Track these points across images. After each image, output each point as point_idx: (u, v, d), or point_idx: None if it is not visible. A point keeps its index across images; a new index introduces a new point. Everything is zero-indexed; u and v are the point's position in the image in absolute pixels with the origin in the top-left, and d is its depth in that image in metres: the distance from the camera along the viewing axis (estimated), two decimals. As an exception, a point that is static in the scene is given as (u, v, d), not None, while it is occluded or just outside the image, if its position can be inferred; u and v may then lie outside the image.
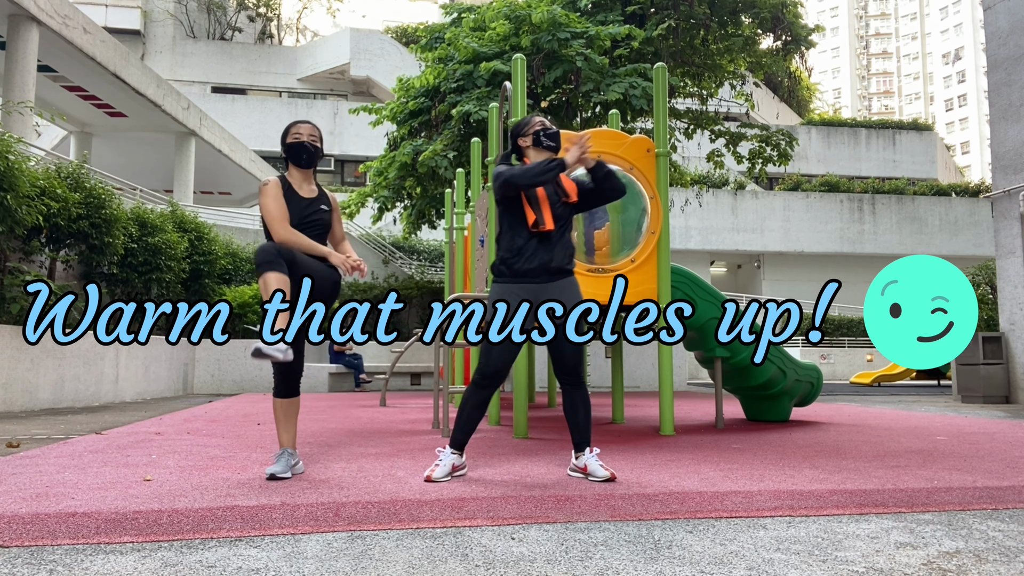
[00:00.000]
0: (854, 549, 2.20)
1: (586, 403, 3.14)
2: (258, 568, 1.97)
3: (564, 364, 3.11)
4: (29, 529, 2.25)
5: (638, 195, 4.83)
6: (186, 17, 30.68)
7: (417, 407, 7.77)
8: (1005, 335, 9.47)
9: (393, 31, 32.69)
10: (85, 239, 8.31)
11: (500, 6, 10.97)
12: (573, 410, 3.13)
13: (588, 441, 3.12)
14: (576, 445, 3.14)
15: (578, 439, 3.13)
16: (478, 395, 3.06)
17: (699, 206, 26.02)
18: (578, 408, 3.13)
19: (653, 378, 12.98)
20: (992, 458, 3.76)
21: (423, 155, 10.37)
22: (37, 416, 6.25)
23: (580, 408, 3.13)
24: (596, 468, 2.99)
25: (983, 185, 30.64)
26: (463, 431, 3.07)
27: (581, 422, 3.12)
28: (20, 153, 6.87)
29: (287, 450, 3.13)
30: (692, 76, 13.39)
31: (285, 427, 3.18)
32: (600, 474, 2.96)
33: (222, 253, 12.19)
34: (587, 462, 3.04)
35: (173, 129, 18.13)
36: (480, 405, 3.06)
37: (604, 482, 2.92)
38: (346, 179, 29.75)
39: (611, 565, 2.02)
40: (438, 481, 2.91)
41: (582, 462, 3.07)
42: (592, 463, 3.02)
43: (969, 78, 79.73)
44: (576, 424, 3.13)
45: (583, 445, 3.11)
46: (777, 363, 5.76)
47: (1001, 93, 9.78)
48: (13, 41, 12.10)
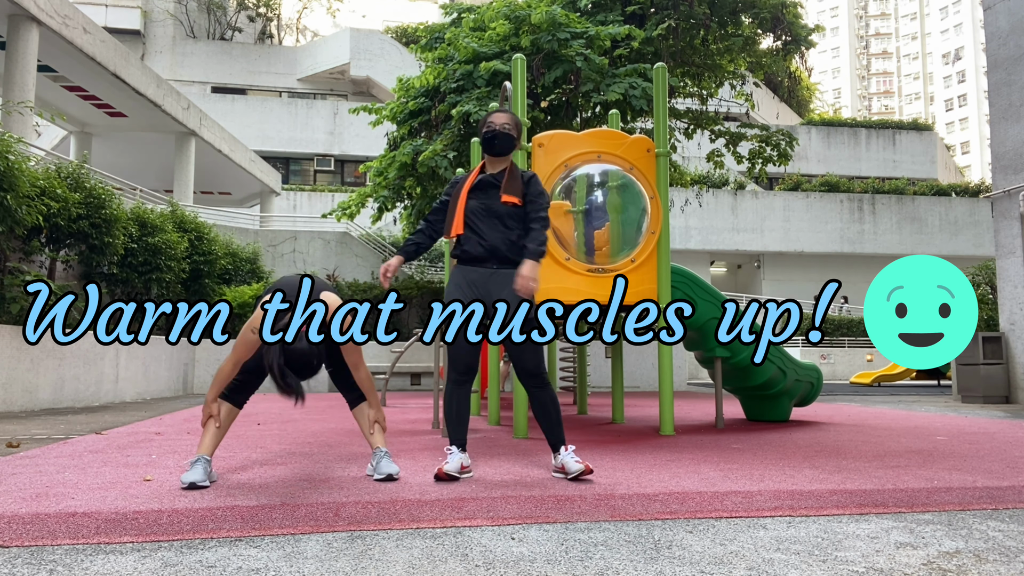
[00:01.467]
0: (854, 549, 2.20)
1: (555, 403, 3.14)
2: (258, 568, 1.97)
3: (524, 365, 3.10)
4: (29, 529, 2.25)
5: (638, 195, 4.83)
6: (186, 17, 30.68)
7: (417, 407, 7.76)
8: (1005, 335, 9.47)
9: (393, 31, 32.69)
10: (85, 239, 8.31)
11: (500, 6, 10.97)
12: (544, 413, 3.13)
13: (562, 440, 3.13)
14: (552, 446, 3.14)
15: (552, 440, 3.13)
16: (458, 392, 3.10)
17: (699, 206, 26.01)
18: (548, 410, 3.12)
19: (653, 378, 12.98)
20: (992, 458, 3.76)
21: (423, 155, 10.37)
22: (37, 416, 6.25)
23: (550, 409, 3.12)
24: (571, 464, 2.99)
25: (983, 185, 30.63)
26: (459, 427, 3.09)
27: (553, 423, 3.13)
28: (20, 153, 6.87)
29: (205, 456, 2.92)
30: (692, 76, 13.38)
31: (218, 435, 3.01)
32: (574, 469, 2.97)
33: (222, 253, 12.19)
34: (563, 461, 3.04)
35: (173, 129, 18.13)
36: (464, 399, 3.11)
37: (579, 476, 2.95)
38: (346, 179, 29.75)
39: (611, 565, 2.02)
40: (450, 474, 2.92)
41: (559, 462, 3.07)
42: (568, 460, 3.02)
43: (969, 78, 79.72)
44: (548, 426, 3.13)
45: (559, 445, 3.12)
46: (777, 363, 5.75)
47: (1001, 93, 9.78)
48: (13, 41, 12.09)
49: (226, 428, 3.05)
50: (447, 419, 3.10)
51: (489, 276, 3.14)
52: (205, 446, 2.96)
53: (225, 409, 3.03)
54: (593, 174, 4.84)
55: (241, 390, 3.05)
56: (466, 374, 3.09)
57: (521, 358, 3.09)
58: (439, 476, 2.93)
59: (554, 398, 3.15)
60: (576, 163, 4.79)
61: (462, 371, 3.09)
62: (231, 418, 3.06)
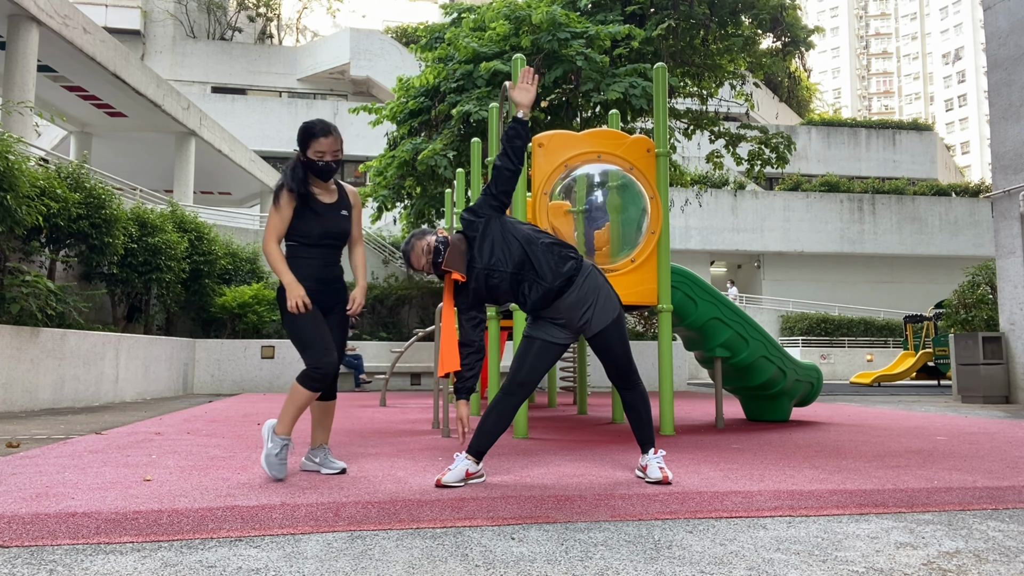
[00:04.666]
0: (854, 549, 2.20)
1: (645, 403, 3.09)
2: (258, 568, 1.97)
3: (617, 367, 3.05)
4: (29, 529, 2.25)
5: (638, 195, 4.83)
6: (186, 17, 30.68)
7: (417, 407, 7.76)
8: (1005, 335, 9.47)
9: (393, 31, 32.70)
10: (85, 239, 8.31)
11: (500, 6, 10.97)
12: (633, 411, 3.10)
13: (651, 441, 3.08)
14: (640, 445, 3.12)
15: (640, 439, 3.11)
16: (505, 402, 2.99)
17: (699, 206, 26.02)
18: (638, 409, 3.09)
19: (653, 378, 12.98)
20: (992, 458, 3.75)
21: (422, 154, 10.37)
22: (37, 416, 6.25)
23: (640, 409, 3.09)
24: (653, 469, 2.96)
25: (983, 185, 30.64)
26: (484, 439, 2.95)
27: (642, 422, 3.09)
28: (20, 153, 6.87)
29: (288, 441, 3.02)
30: (692, 76, 13.39)
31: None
32: (654, 476, 2.93)
33: (222, 253, 12.19)
34: (647, 462, 3.02)
35: (173, 129, 18.14)
36: (505, 414, 2.98)
37: (656, 483, 2.88)
38: (346, 179, 29.73)
39: (611, 565, 2.02)
40: (448, 485, 2.80)
41: (644, 462, 3.05)
42: (652, 464, 2.99)
43: (969, 78, 79.72)
44: (637, 425, 3.10)
45: (647, 446, 3.09)
46: (777, 363, 5.75)
47: (1001, 93, 9.78)
48: (13, 41, 12.10)
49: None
50: (480, 424, 2.99)
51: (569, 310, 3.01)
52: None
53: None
54: (593, 174, 4.85)
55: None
56: (522, 387, 2.99)
57: (612, 359, 3.04)
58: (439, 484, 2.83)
59: (645, 398, 3.10)
60: (576, 163, 4.79)
61: (515, 383, 2.99)
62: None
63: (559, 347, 3.02)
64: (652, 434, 3.11)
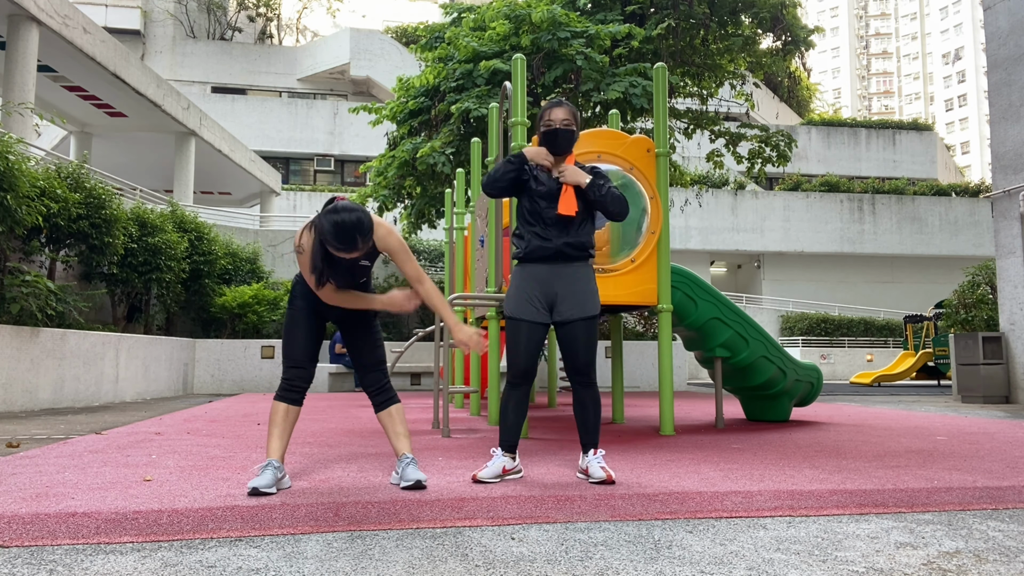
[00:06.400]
0: (854, 549, 2.20)
1: (596, 404, 3.09)
2: (258, 568, 1.97)
3: (575, 362, 3.06)
4: (29, 529, 2.25)
5: (638, 195, 4.83)
6: (186, 17, 30.68)
7: (417, 407, 7.76)
8: (1005, 335, 9.47)
9: (393, 31, 32.70)
10: (85, 239, 8.31)
11: (500, 6, 10.97)
12: (582, 410, 3.09)
13: (594, 443, 3.08)
14: (583, 446, 3.10)
15: (584, 440, 3.09)
16: (514, 395, 3.06)
17: (699, 206, 26.02)
18: (588, 409, 3.08)
19: (653, 378, 12.98)
20: (992, 458, 3.75)
21: (421, 151, 10.37)
22: (37, 416, 6.25)
23: (589, 409, 3.08)
24: (595, 470, 2.95)
25: (983, 185, 30.64)
26: (510, 432, 3.04)
27: (589, 423, 3.08)
28: (20, 153, 6.87)
29: (273, 461, 2.80)
30: (692, 76, 13.38)
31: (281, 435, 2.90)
32: (596, 475, 2.92)
33: (222, 253, 12.19)
34: (588, 463, 3.01)
35: (173, 129, 18.13)
36: (520, 403, 3.05)
37: (600, 483, 2.89)
38: (346, 179, 29.75)
39: (611, 565, 2.02)
40: (484, 481, 2.89)
41: (585, 463, 3.04)
42: (592, 465, 2.98)
43: (969, 78, 79.73)
44: (584, 425, 3.09)
45: (589, 447, 3.07)
46: (777, 363, 5.75)
47: (1001, 93, 9.78)
48: (13, 41, 12.09)
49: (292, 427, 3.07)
50: (501, 421, 3.07)
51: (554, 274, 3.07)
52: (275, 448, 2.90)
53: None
54: (593, 174, 4.84)
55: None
56: (523, 377, 3.04)
57: (574, 354, 3.05)
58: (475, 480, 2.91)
59: (596, 399, 3.09)
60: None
61: (519, 373, 3.04)
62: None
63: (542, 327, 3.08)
64: (596, 437, 3.08)
